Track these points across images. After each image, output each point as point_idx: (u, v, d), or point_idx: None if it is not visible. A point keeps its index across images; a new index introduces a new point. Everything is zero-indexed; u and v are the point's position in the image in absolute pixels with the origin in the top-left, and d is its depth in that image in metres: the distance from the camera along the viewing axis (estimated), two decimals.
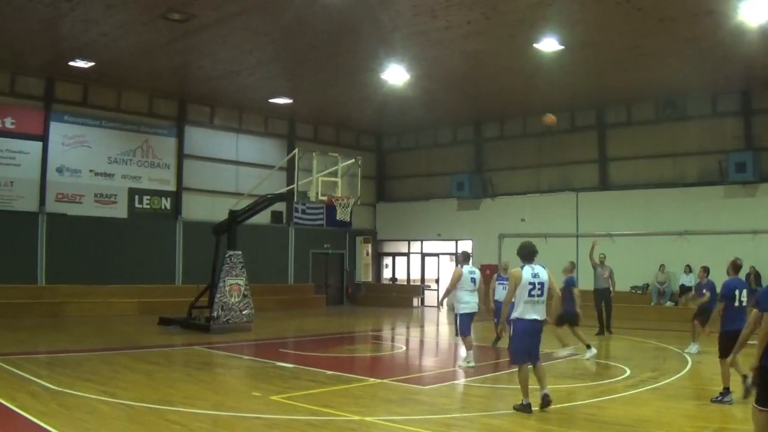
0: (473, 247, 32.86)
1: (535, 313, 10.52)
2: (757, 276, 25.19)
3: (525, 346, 10.62)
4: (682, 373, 14.34)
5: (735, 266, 12.07)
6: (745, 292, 11.63)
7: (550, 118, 19.34)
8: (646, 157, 29.21)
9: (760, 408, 7.26)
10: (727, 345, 10.70)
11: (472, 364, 15.10)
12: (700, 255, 25.49)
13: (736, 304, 11.44)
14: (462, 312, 15.33)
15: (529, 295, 10.43)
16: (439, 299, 15.64)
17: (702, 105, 27.71)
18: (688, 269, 26.47)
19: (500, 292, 17.74)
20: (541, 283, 10.51)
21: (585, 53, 22.18)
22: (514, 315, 10.66)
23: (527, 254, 10.77)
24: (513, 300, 10.71)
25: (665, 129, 28.69)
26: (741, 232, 25.78)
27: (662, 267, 27.65)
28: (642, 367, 15.09)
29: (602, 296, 22.18)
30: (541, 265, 10.78)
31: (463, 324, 15.39)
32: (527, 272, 10.52)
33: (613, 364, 15.53)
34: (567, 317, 16.63)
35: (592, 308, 21.50)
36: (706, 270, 16.71)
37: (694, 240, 27.00)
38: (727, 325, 11.23)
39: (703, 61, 22.61)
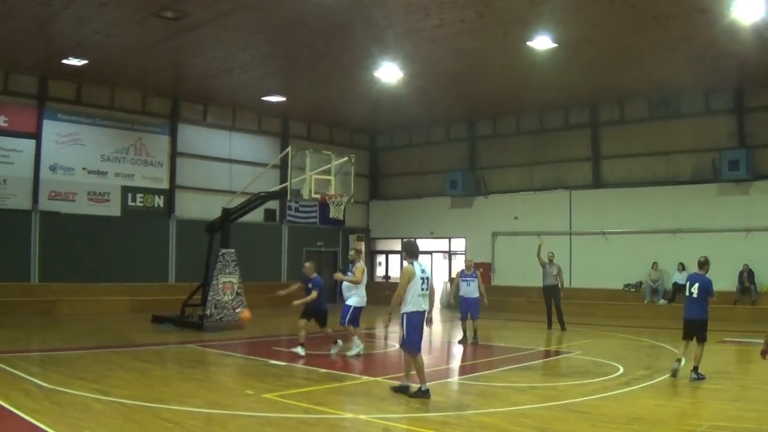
0: (466, 245, 32.94)
1: (425, 305, 11.47)
2: (750, 274, 25.30)
3: (420, 335, 11.45)
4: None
5: (699, 263, 13.87)
6: (697, 285, 13.33)
7: (244, 315, 20.21)
8: (639, 155, 29.28)
9: None
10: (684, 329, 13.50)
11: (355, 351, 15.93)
12: (693, 253, 25.53)
13: (687, 294, 13.56)
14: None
15: (421, 289, 11.35)
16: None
17: (695, 103, 27.78)
18: (681, 267, 26.52)
19: (464, 289, 18.32)
20: (427, 278, 11.52)
21: (578, 51, 22.22)
22: (409, 308, 11.36)
23: (414, 252, 11.69)
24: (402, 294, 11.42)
25: (659, 127, 28.77)
26: (734, 230, 25.90)
27: (655, 265, 27.70)
28: (635, 365, 15.16)
29: (551, 293, 22.47)
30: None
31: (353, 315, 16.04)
32: (417, 268, 11.41)
33: (607, 362, 15.49)
34: None
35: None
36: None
37: (687, 238, 27.04)
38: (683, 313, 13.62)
39: (697, 59, 22.68)
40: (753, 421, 9.68)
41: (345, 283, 16.10)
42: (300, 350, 15.83)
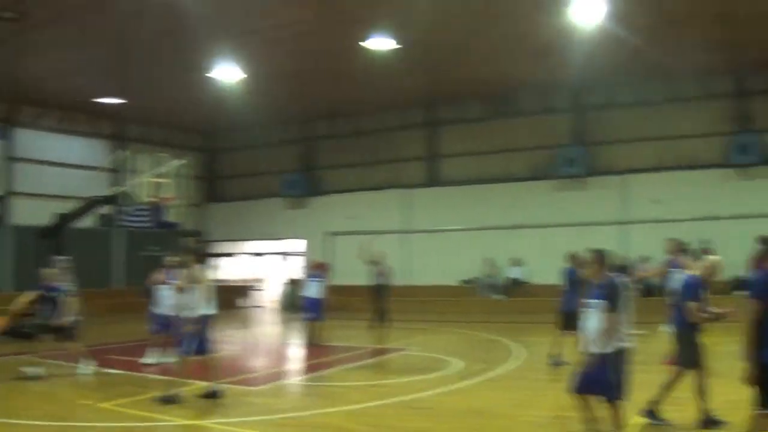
0: (306, 246, 32.75)
1: (213, 309, 11.50)
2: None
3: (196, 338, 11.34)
4: (512, 364, 14.68)
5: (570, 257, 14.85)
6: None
7: None
8: (476, 154, 29.83)
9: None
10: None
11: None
12: (529, 249, 26.32)
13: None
14: None
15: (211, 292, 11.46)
16: None
17: (533, 101, 28.56)
18: (516, 262, 27.22)
19: (308, 289, 18.25)
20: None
21: (416, 51, 22.33)
22: (202, 311, 11.27)
23: (204, 256, 11.63)
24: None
25: (496, 125, 29.39)
26: (569, 225, 26.56)
27: (491, 261, 28.24)
28: (474, 359, 15.31)
29: (378, 292, 22.67)
30: None
31: None
32: (209, 272, 11.85)
33: (445, 357, 15.60)
34: None
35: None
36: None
37: (523, 234, 27.73)
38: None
39: (534, 58, 23.14)
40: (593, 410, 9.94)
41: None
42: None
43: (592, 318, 7.78)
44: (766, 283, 6.50)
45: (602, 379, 7.61)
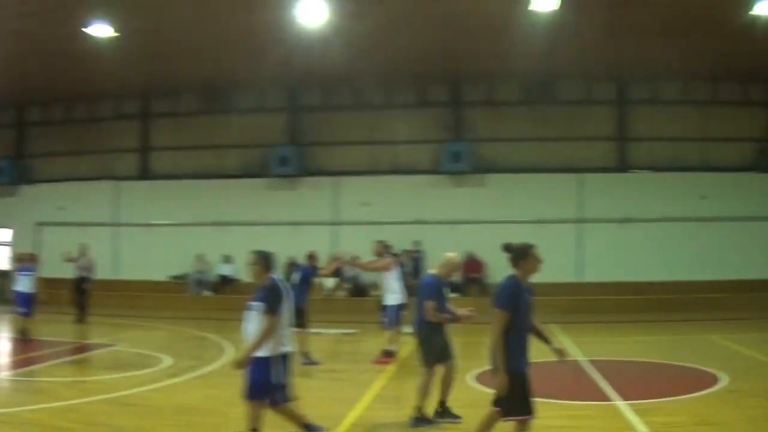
0: (13, 236, 30.87)
1: None
2: (297, 267, 26.64)
3: None
4: (223, 361, 14.82)
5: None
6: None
7: None
8: (189, 148, 29.58)
9: (512, 418, 6.99)
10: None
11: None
12: (240, 246, 26.42)
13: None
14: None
15: None
16: None
17: (250, 99, 28.79)
18: (227, 259, 27.34)
19: (20, 283, 17.49)
20: None
21: (135, 41, 21.73)
22: None
23: None
24: None
25: (210, 121, 29.29)
26: (281, 224, 27.14)
27: (201, 257, 28.09)
28: (183, 356, 15.32)
29: (79, 286, 22.37)
30: None
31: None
32: None
33: (154, 354, 15.44)
34: None
35: None
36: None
37: (233, 231, 27.74)
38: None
39: (252, 56, 23.31)
40: (301, 407, 10.19)
41: None
42: None
43: (253, 321, 7.88)
44: (511, 294, 6.87)
45: (266, 384, 7.80)
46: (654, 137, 26.98)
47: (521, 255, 7.00)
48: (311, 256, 15.61)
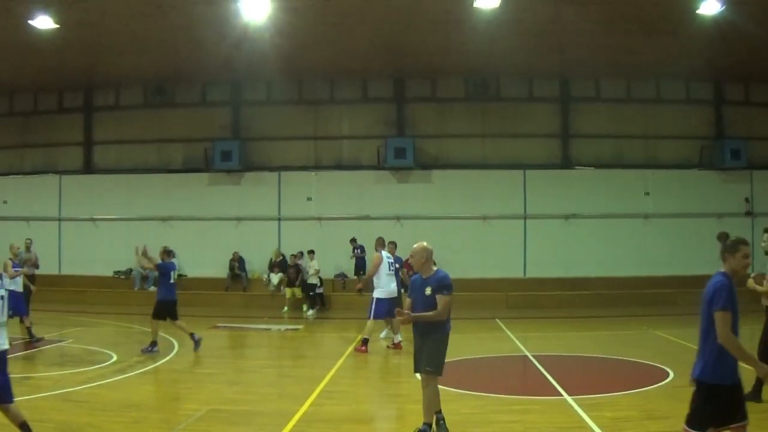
0: None
1: None
2: (241, 261, 26.69)
3: None
4: (169, 357, 14.85)
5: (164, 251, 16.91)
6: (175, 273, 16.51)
7: None
8: (132, 142, 29.16)
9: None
10: (159, 310, 15.69)
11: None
12: (184, 240, 26.29)
13: (171, 281, 16.15)
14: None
15: None
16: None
17: (192, 93, 28.61)
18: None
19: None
20: None
21: (78, 33, 21.37)
22: None
23: None
24: None
25: (153, 115, 28.97)
26: (225, 219, 27.21)
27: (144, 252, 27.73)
28: (129, 352, 15.25)
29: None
30: None
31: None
32: None
33: (100, 350, 15.40)
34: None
35: None
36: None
37: (178, 225, 27.66)
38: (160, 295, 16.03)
39: (194, 51, 23.31)
40: (250, 403, 10.40)
41: None
42: None
43: None
44: (730, 293, 5.99)
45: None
46: (598, 134, 27.50)
47: (730, 249, 6.16)
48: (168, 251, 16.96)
